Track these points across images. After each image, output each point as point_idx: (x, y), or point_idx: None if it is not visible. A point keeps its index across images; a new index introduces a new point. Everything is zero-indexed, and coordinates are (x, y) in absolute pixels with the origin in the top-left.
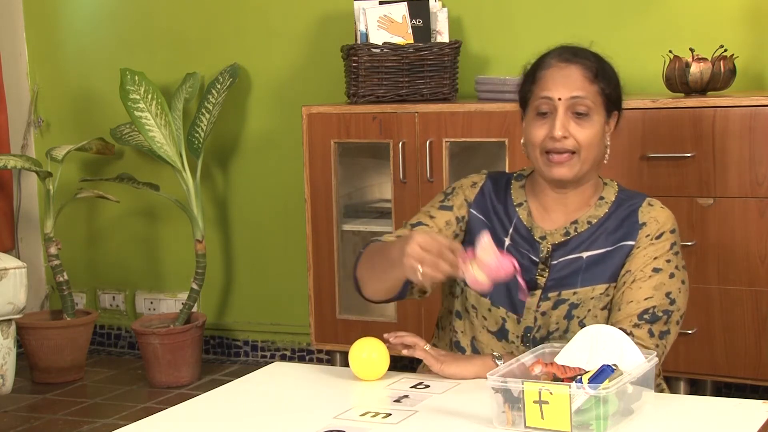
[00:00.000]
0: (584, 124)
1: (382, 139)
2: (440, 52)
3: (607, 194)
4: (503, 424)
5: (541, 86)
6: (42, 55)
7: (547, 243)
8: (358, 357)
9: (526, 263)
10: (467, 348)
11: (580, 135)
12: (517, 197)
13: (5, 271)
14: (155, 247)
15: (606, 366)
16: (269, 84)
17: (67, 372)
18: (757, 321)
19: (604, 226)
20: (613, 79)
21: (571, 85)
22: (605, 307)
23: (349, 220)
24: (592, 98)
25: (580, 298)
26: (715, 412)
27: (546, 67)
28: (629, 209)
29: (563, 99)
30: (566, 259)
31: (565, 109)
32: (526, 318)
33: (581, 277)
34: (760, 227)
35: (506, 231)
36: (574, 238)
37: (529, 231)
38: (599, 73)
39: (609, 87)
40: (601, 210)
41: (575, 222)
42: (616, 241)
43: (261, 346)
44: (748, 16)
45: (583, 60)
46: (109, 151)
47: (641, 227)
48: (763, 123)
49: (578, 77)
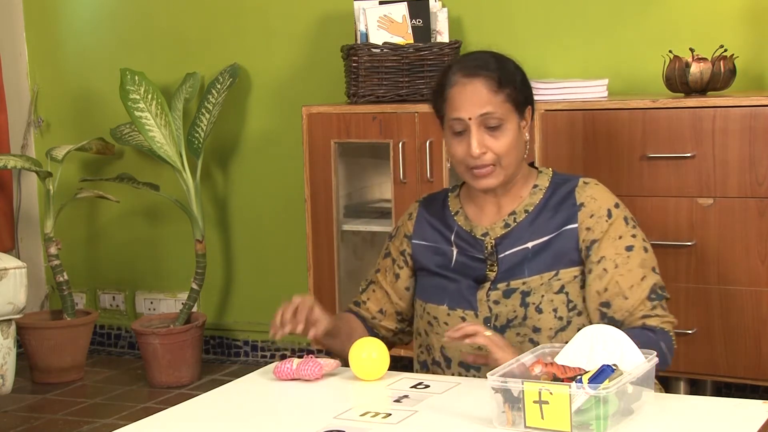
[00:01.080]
0: (498, 135)
1: (382, 139)
2: (440, 52)
3: (541, 181)
4: (503, 424)
5: (450, 106)
6: (42, 55)
7: (490, 238)
8: (358, 357)
9: (476, 264)
10: (441, 360)
11: (496, 147)
12: (453, 207)
13: (5, 271)
14: (155, 247)
15: (606, 366)
16: (269, 84)
17: (67, 372)
18: (757, 321)
19: (543, 214)
20: (517, 79)
21: (477, 102)
22: (560, 290)
23: (349, 220)
24: (501, 108)
25: (530, 286)
26: (715, 412)
27: (451, 85)
28: (565, 191)
29: (473, 118)
30: (513, 251)
31: (477, 126)
32: (481, 310)
33: (527, 267)
34: (760, 227)
35: (450, 241)
36: (514, 228)
37: (469, 232)
38: (502, 80)
39: (515, 90)
40: (536, 197)
41: (513, 213)
42: (557, 227)
43: (261, 346)
44: (748, 16)
45: (484, 72)
46: (109, 151)
47: (580, 208)
48: (763, 123)
49: (483, 92)
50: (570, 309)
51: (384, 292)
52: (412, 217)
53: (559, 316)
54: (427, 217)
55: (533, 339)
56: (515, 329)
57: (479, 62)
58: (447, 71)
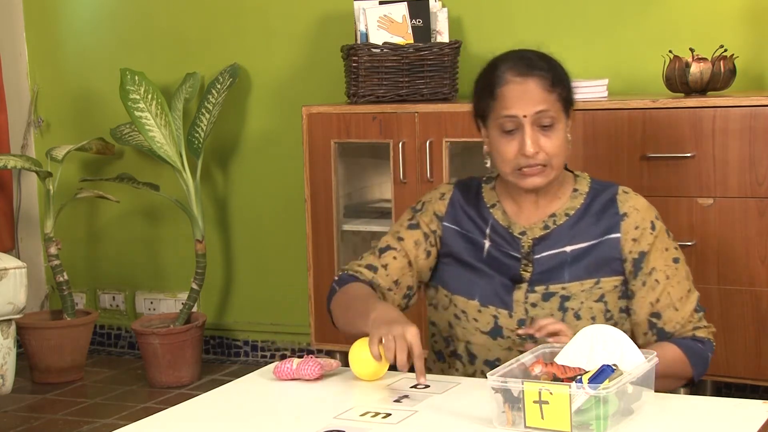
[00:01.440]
0: (551, 134)
1: (382, 139)
2: (440, 52)
3: (581, 186)
4: (503, 424)
5: (502, 104)
6: (42, 55)
7: (528, 238)
8: (358, 357)
9: (509, 261)
10: (463, 354)
11: (549, 146)
12: (489, 199)
13: (5, 271)
14: (155, 247)
15: (606, 366)
16: (269, 84)
17: (67, 372)
18: (757, 321)
19: (585, 220)
20: (567, 80)
21: (532, 100)
22: (599, 299)
23: (349, 220)
24: (554, 107)
25: (570, 292)
26: (715, 412)
27: (502, 83)
28: (606, 198)
29: (528, 115)
30: (549, 254)
31: (530, 124)
32: (516, 311)
33: (567, 271)
34: (760, 227)
35: (484, 233)
36: (554, 231)
37: (507, 229)
38: (555, 80)
39: (565, 90)
40: (577, 201)
41: (553, 215)
42: (599, 235)
43: (261, 346)
44: (748, 16)
45: (537, 71)
46: (109, 151)
47: (623, 218)
48: (763, 123)
49: (537, 90)
50: (607, 318)
51: (407, 263)
52: (444, 198)
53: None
54: (461, 202)
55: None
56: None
57: (530, 61)
58: (494, 71)
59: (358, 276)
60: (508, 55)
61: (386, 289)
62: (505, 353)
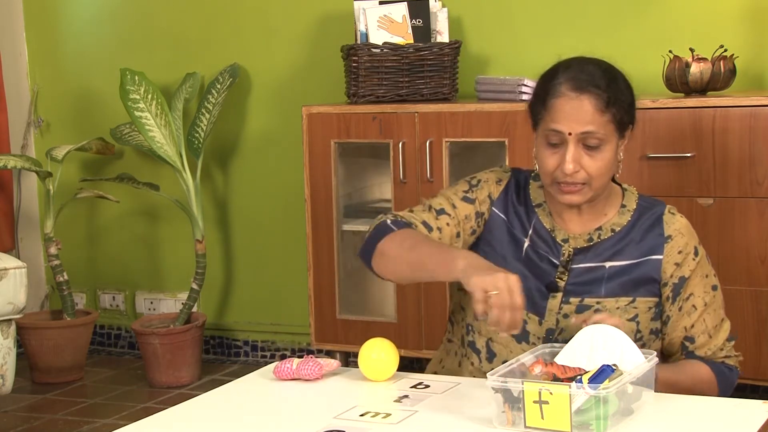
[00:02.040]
0: (596, 155)
1: (382, 139)
2: (440, 52)
3: (629, 202)
4: (503, 424)
5: (551, 116)
6: (42, 55)
7: (569, 246)
8: (367, 357)
9: (545, 265)
10: (482, 349)
11: (591, 167)
12: (536, 197)
13: (5, 271)
14: (155, 247)
15: (606, 366)
16: (269, 84)
17: (67, 372)
18: (757, 321)
19: (630, 237)
20: (626, 99)
21: (581, 119)
22: (632, 318)
23: (349, 220)
24: (604, 129)
25: (604, 307)
26: (715, 412)
27: (556, 96)
28: (653, 218)
29: (574, 134)
30: (587, 266)
31: (576, 142)
32: (547, 320)
33: (605, 287)
34: (760, 227)
35: (525, 231)
36: (597, 244)
37: (550, 233)
38: (610, 100)
39: (621, 111)
40: (624, 218)
41: (599, 229)
42: (642, 255)
43: (261, 346)
44: (748, 16)
45: (594, 89)
46: (109, 151)
47: (667, 240)
48: (763, 123)
49: (589, 109)
50: (636, 339)
51: (456, 233)
52: (501, 183)
53: None
54: (513, 195)
55: None
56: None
57: (590, 76)
58: (552, 79)
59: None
60: (571, 63)
61: None
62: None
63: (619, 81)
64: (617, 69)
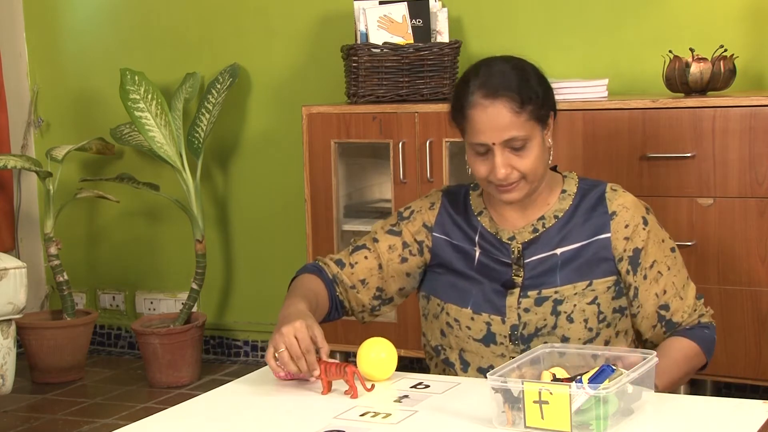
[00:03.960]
0: (523, 154)
1: (382, 139)
2: (440, 52)
3: (569, 186)
4: (503, 424)
5: (472, 129)
6: (42, 55)
7: (517, 243)
8: (367, 357)
9: (499, 267)
10: (456, 362)
11: (522, 166)
12: (476, 206)
13: (5, 271)
14: (155, 247)
15: (606, 366)
16: (269, 84)
17: (67, 372)
18: (757, 321)
19: (573, 221)
20: (539, 92)
21: (500, 126)
22: (592, 301)
23: (349, 220)
24: (524, 129)
25: (562, 295)
26: (715, 412)
27: (471, 106)
28: (594, 197)
29: (497, 143)
30: (540, 257)
31: (501, 149)
32: (509, 317)
33: (559, 275)
34: (760, 227)
35: (473, 242)
36: (543, 234)
37: (495, 235)
38: (524, 99)
39: (536, 106)
40: (566, 203)
41: (542, 218)
42: (589, 235)
43: (261, 346)
44: (748, 16)
45: (505, 93)
46: (109, 151)
47: (612, 217)
48: (763, 123)
49: (506, 114)
50: (600, 320)
51: (377, 265)
52: (434, 208)
53: (590, 327)
54: (450, 212)
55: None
56: (543, 338)
57: (500, 78)
58: (466, 87)
59: (323, 268)
60: (480, 67)
61: (349, 286)
62: (498, 360)
63: (529, 75)
64: (525, 61)
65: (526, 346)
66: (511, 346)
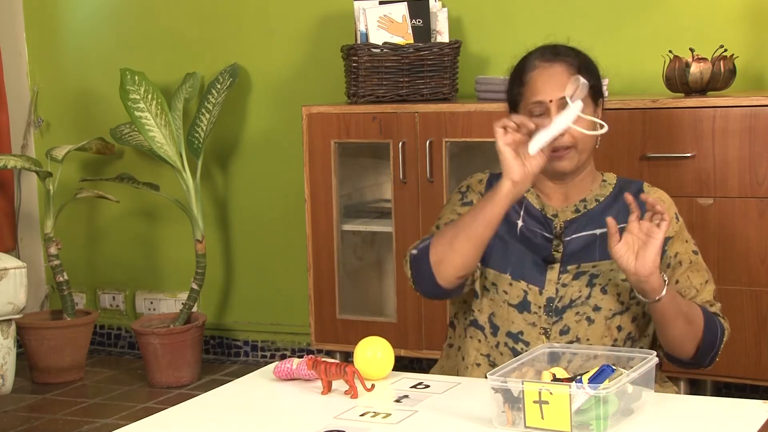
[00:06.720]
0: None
1: (382, 139)
2: (440, 52)
3: (609, 178)
4: (503, 424)
5: (530, 89)
6: (42, 55)
7: (560, 220)
8: (363, 356)
9: (540, 241)
10: (485, 325)
11: (574, 131)
12: None
13: (5, 271)
14: (155, 247)
15: (606, 366)
16: (269, 84)
17: (67, 372)
18: (757, 321)
19: (615, 207)
20: (594, 70)
21: (558, 85)
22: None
23: (349, 220)
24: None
25: (600, 270)
26: (715, 412)
27: (531, 69)
28: (634, 189)
29: (554, 101)
30: (580, 236)
31: (557, 109)
32: (547, 289)
33: (599, 251)
34: (760, 227)
35: (518, 214)
36: (584, 214)
37: (540, 210)
38: (582, 67)
39: (592, 79)
40: (606, 190)
41: (584, 200)
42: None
43: (261, 346)
44: (748, 16)
45: (564, 58)
46: (109, 151)
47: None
48: (763, 123)
49: (563, 75)
50: (632, 297)
51: None
52: (482, 182)
53: (621, 300)
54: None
55: (590, 317)
56: (576, 308)
57: (558, 49)
58: (525, 59)
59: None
60: (538, 47)
61: None
62: (529, 328)
63: (585, 55)
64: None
65: (559, 317)
66: (544, 316)
